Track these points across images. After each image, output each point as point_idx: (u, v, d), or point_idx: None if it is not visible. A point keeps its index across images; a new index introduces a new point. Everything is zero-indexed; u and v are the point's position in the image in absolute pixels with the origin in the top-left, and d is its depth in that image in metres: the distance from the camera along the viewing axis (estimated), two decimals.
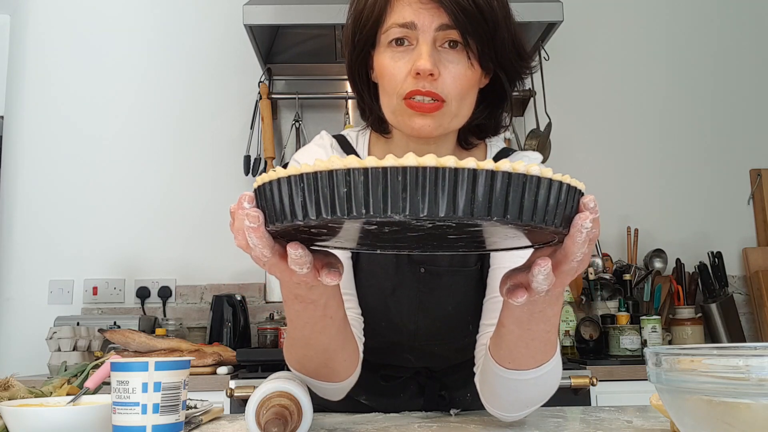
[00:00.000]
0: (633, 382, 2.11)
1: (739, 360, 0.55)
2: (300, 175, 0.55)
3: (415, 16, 0.91)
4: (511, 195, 0.54)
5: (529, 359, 0.84)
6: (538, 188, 0.55)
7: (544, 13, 2.36)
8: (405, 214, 0.53)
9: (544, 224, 0.56)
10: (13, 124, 2.89)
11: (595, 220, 0.61)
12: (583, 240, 0.61)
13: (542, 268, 0.62)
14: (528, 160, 1.08)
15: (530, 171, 0.55)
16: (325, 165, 0.54)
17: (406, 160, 0.53)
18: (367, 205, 0.53)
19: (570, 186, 0.58)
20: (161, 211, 2.83)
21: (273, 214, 0.58)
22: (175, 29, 2.95)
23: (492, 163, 0.54)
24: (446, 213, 0.53)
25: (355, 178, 0.53)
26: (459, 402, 1.11)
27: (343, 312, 0.88)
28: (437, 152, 1.04)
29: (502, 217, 0.54)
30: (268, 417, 0.81)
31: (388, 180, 0.53)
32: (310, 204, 0.55)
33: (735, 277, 2.87)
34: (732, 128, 2.97)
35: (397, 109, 0.95)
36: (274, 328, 2.51)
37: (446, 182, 0.53)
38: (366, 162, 0.53)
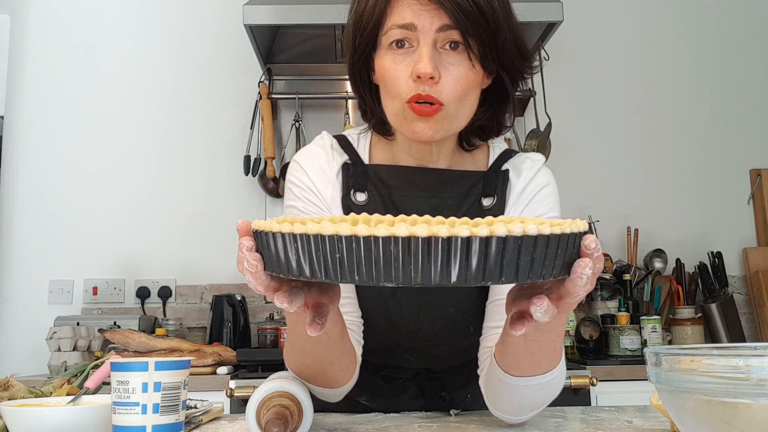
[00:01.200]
0: (633, 382, 2.11)
1: (739, 360, 0.55)
2: (293, 234, 0.55)
3: (415, 17, 0.91)
4: (506, 258, 0.53)
5: (534, 367, 0.85)
6: (534, 247, 0.54)
7: (544, 13, 2.36)
8: (398, 282, 0.53)
9: (541, 279, 0.56)
10: (13, 124, 2.89)
11: (597, 259, 0.61)
12: (584, 283, 0.61)
13: (538, 307, 0.62)
14: (531, 161, 1.08)
15: (527, 231, 0.53)
16: (317, 228, 0.54)
17: (398, 229, 0.52)
18: (360, 273, 0.53)
19: (569, 236, 0.57)
20: (161, 211, 2.83)
21: (270, 263, 0.59)
22: (175, 29, 2.95)
23: (486, 229, 0.52)
24: (440, 281, 0.52)
25: (347, 245, 0.53)
26: (459, 402, 1.11)
27: (341, 327, 0.88)
28: (438, 154, 1.04)
29: (497, 281, 0.54)
30: (269, 417, 0.80)
31: (380, 250, 0.52)
32: (305, 263, 0.55)
33: (735, 277, 2.87)
34: (732, 128, 2.97)
35: (399, 112, 0.95)
36: (274, 328, 2.51)
37: (439, 251, 0.52)
38: (357, 230, 0.52)
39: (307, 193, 1.04)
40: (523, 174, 1.06)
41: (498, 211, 1.05)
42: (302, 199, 1.04)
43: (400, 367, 1.09)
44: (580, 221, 0.59)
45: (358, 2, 0.98)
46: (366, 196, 1.04)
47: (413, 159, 1.05)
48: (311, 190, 1.04)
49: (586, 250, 0.60)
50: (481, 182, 1.06)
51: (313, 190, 1.04)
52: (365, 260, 0.53)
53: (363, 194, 1.04)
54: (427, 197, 1.04)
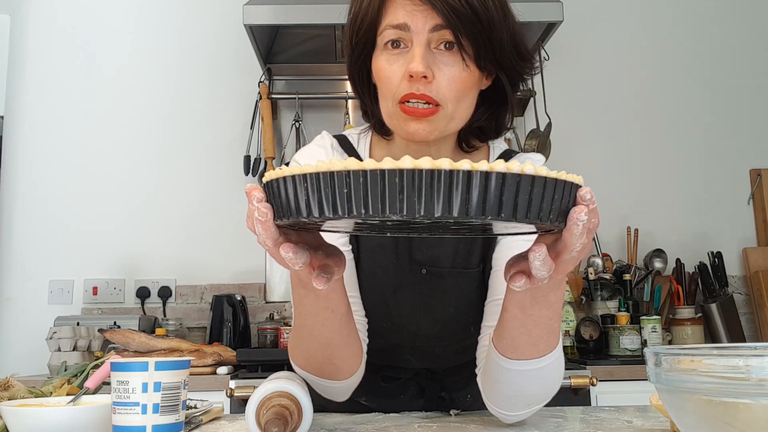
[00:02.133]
0: (633, 382, 2.11)
1: (739, 360, 0.55)
2: (303, 174, 0.58)
3: (408, 17, 0.91)
4: (505, 195, 0.56)
5: (531, 347, 0.84)
6: (532, 187, 0.57)
7: (544, 13, 2.36)
8: (402, 214, 0.55)
9: (539, 221, 0.58)
10: (13, 124, 2.89)
11: (593, 211, 0.63)
12: (581, 232, 0.62)
13: (537, 254, 0.64)
14: (531, 162, 1.08)
15: (524, 170, 0.56)
16: (327, 166, 0.56)
17: (403, 162, 0.55)
18: (366, 206, 0.56)
19: (565, 182, 0.60)
20: (161, 211, 2.83)
21: (280, 210, 0.61)
22: (175, 29, 2.95)
23: (486, 164, 0.55)
24: (442, 213, 0.55)
25: (354, 179, 0.56)
26: (459, 403, 1.11)
27: (346, 307, 0.88)
28: (436, 155, 1.03)
29: (497, 216, 0.56)
30: (269, 417, 0.81)
31: (386, 181, 0.55)
32: (314, 202, 0.58)
33: (735, 277, 2.87)
34: (732, 128, 2.97)
35: (392, 112, 0.95)
36: (274, 328, 2.51)
37: (441, 184, 0.55)
38: (365, 164, 0.56)
39: None
40: None
41: None
42: None
43: (401, 367, 1.09)
44: (575, 176, 0.62)
45: (355, 3, 0.99)
46: None
47: None
48: None
49: (581, 201, 0.62)
50: None
51: None
52: (371, 193, 0.55)
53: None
54: None
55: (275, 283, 2.81)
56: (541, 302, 0.78)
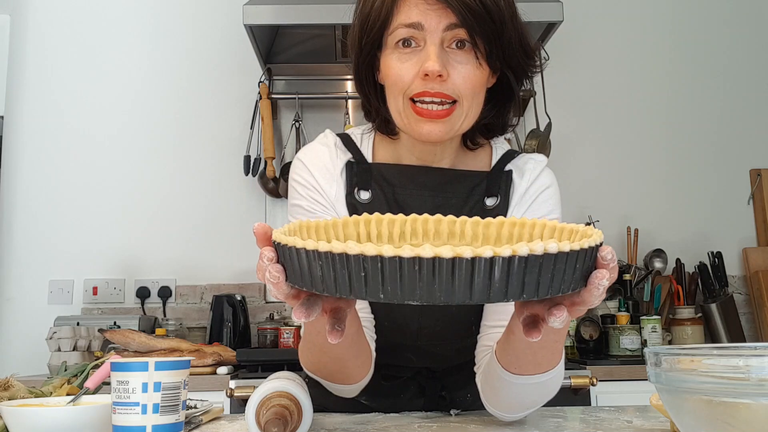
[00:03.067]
0: (633, 382, 2.11)
1: (739, 360, 0.55)
2: (317, 252, 0.55)
3: (422, 16, 0.91)
4: (528, 277, 0.54)
5: (535, 366, 0.85)
6: (555, 264, 0.55)
7: (544, 13, 2.36)
8: (422, 301, 0.54)
9: (560, 293, 0.57)
10: (13, 124, 2.89)
11: (613, 269, 0.62)
12: (600, 293, 0.62)
13: (557, 318, 0.63)
14: (534, 162, 1.08)
15: (548, 249, 0.54)
16: (342, 247, 0.54)
17: (423, 250, 0.53)
18: (385, 291, 0.54)
19: (587, 250, 0.58)
20: (161, 211, 2.83)
21: (293, 275, 0.60)
22: (175, 29, 2.95)
23: (509, 249, 0.53)
24: (462, 300, 0.54)
25: (372, 264, 0.54)
26: (459, 402, 1.11)
27: (357, 326, 0.89)
28: (442, 154, 1.04)
29: (518, 298, 0.55)
30: (268, 417, 0.81)
31: (405, 270, 0.53)
32: (330, 279, 0.56)
33: (735, 277, 2.87)
34: (732, 128, 2.97)
35: (403, 111, 0.95)
36: (274, 328, 2.51)
37: (463, 272, 0.53)
38: (383, 250, 0.53)
39: (312, 192, 1.04)
40: (526, 175, 1.07)
41: (501, 212, 1.05)
42: (306, 197, 1.04)
43: (401, 366, 1.09)
44: (595, 231, 0.61)
45: (365, 3, 0.98)
46: (370, 195, 1.04)
47: (416, 158, 1.05)
48: (315, 189, 1.04)
49: (602, 261, 0.61)
50: (485, 182, 1.06)
51: (317, 188, 1.04)
52: (390, 279, 0.54)
53: (367, 192, 1.04)
54: (430, 196, 1.04)
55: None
56: (548, 329, 0.78)
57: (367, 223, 0.70)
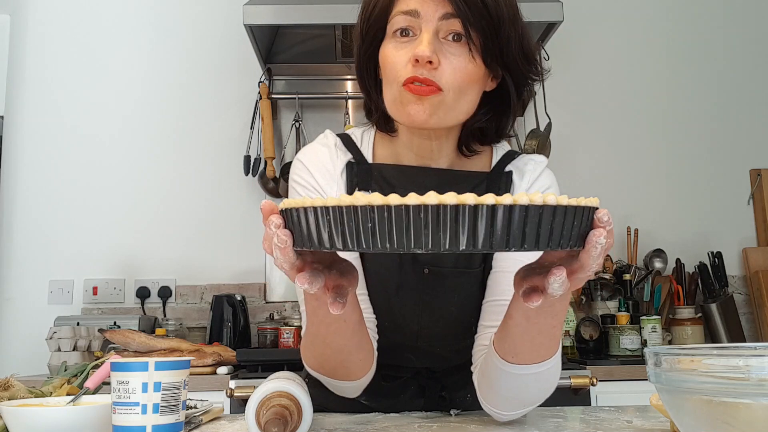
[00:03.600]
0: (633, 382, 2.11)
1: (739, 360, 0.55)
2: (326, 207, 0.57)
3: (419, 4, 0.94)
4: (528, 226, 0.57)
5: (532, 353, 0.85)
6: (554, 216, 0.58)
7: (544, 13, 2.36)
8: (428, 248, 0.56)
9: (559, 248, 0.60)
10: (13, 124, 2.89)
11: (609, 232, 0.64)
12: (598, 254, 0.64)
13: (557, 277, 0.65)
14: (534, 163, 1.08)
15: (546, 201, 0.57)
16: (350, 200, 0.56)
17: (428, 198, 0.55)
18: (391, 240, 0.56)
19: (584, 208, 0.61)
20: (161, 211, 2.83)
21: (300, 239, 0.61)
22: (175, 29, 2.95)
23: (510, 198, 0.56)
24: (466, 247, 0.56)
25: (379, 214, 0.56)
26: (459, 402, 1.11)
27: (358, 315, 0.89)
28: (439, 152, 1.04)
29: (520, 247, 0.57)
30: (268, 417, 0.81)
31: (411, 217, 0.55)
32: (337, 236, 0.57)
33: (735, 277, 2.87)
34: (732, 128, 2.97)
35: (396, 97, 0.96)
36: (274, 328, 2.51)
37: (466, 219, 0.55)
38: (389, 199, 0.55)
39: (312, 192, 1.04)
40: (526, 176, 1.07)
41: None
42: None
43: (401, 366, 1.10)
44: (593, 198, 0.63)
45: None
46: None
47: (415, 156, 1.05)
48: (315, 189, 1.04)
49: (599, 223, 0.63)
50: (485, 183, 1.06)
51: (317, 189, 1.04)
52: (396, 228, 0.55)
53: (367, 193, 1.04)
54: None
55: (275, 283, 2.81)
56: (547, 312, 0.79)
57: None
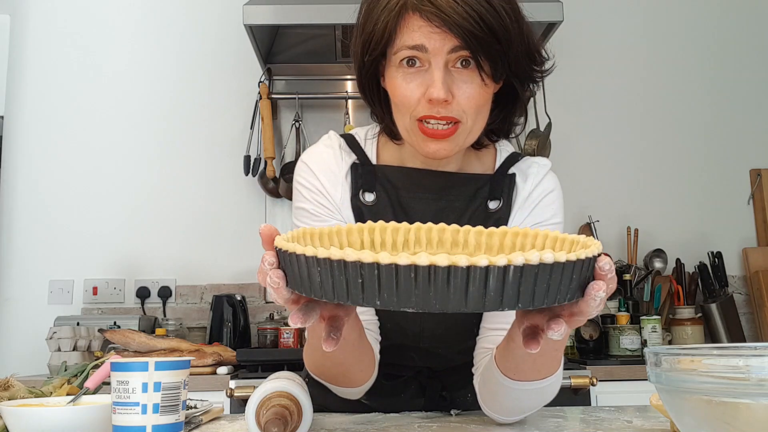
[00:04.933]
0: (633, 382, 2.11)
1: (739, 360, 0.55)
2: (317, 258, 0.57)
3: (426, 39, 0.90)
4: (523, 286, 0.55)
5: (534, 373, 0.85)
6: (551, 274, 0.55)
7: (544, 13, 2.35)
8: (418, 308, 0.55)
9: (555, 303, 0.57)
10: (13, 124, 2.89)
11: (610, 280, 0.62)
12: (597, 304, 0.62)
13: (555, 332, 0.64)
14: (537, 166, 1.08)
15: (543, 259, 0.54)
16: (341, 254, 0.55)
17: (419, 258, 0.53)
18: (381, 298, 0.55)
19: (584, 261, 0.58)
20: (161, 212, 2.83)
21: (293, 280, 0.61)
22: (175, 29, 2.95)
23: (504, 258, 0.54)
24: (457, 308, 0.54)
25: (369, 271, 0.55)
26: (460, 402, 1.11)
27: (359, 332, 0.89)
28: (446, 160, 1.03)
29: (514, 307, 0.55)
30: (268, 417, 0.81)
31: (401, 277, 0.54)
32: (328, 286, 0.57)
33: (735, 277, 2.86)
34: (732, 128, 2.97)
35: (410, 129, 0.95)
36: (274, 328, 2.50)
37: (458, 280, 0.53)
38: (379, 257, 0.54)
39: (317, 195, 1.04)
40: (529, 179, 1.07)
41: (504, 215, 1.05)
42: (311, 201, 1.04)
43: (402, 365, 1.10)
44: (593, 241, 0.61)
45: (366, 21, 0.97)
46: (374, 197, 1.04)
47: (421, 162, 1.05)
48: (320, 192, 1.04)
49: (600, 272, 0.61)
50: (488, 185, 1.06)
51: (322, 192, 1.04)
52: (386, 286, 0.55)
53: (371, 194, 1.05)
54: (434, 199, 1.04)
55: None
56: (549, 341, 0.78)
57: (371, 231, 0.71)
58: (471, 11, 0.88)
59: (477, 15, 0.88)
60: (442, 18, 0.88)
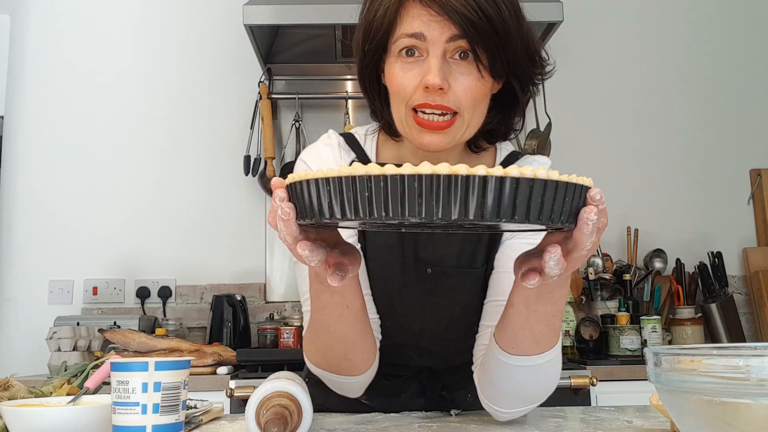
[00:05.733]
0: (633, 382, 2.11)
1: (739, 360, 0.55)
2: (326, 178, 0.60)
3: (425, 27, 0.91)
4: (519, 198, 0.58)
5: (532, 343, 0.85)
6: (544, 190, 0.59)
7: (544, 13, 2.35)
8: (421, 217, 0.58)
9: (550, 222, 0.61)
10: (13, 124, 2.89)
11: (602, 211, 0.65)
12: (590, 231, 0.64)
13: (552, 254, 0.66)
14: (537, 164, 1.09)
15: (537, 175, 0.58)
16: (349, 170, 0.59)
17: (422, 168, 0.57)
18: (386, 209, 0.58)
19: (575, 184, 0.62)
20: (161, 212, 2.83)
21: (303, 210, 0.64)
22: (175, 29, 2.95)
23: (501, 170, 0.58)
24: (458, 216, 0.58)
25: (375, 183, 0.58)
26: (460, 402, 1.11)
27: (361, 303, 0.89)
28: (446, 158, 1.04)
29: (510, 219, 0.59)
30: (268, 417, 0.81)
31: (406, 186, 0.58)
32: (336, 205, 0.60)
33: (735, 277, 2.86)
34: (732, 128, 2.97)
35: (405, 120, 0.95)
36: (274, 328, 2.51)
37: (458, 188, 0.57)
38: (385, 169, 0.58)
39: None
40: None
41: None
42: None
43: (403, 364, 1.10)
44: (585, 178, 0.64)
45: (368, 10, 0.98)
46: None
47: (420, 161, 1.05)
48: None
49: (591, 201, 0.64)
50: None
51: None
52: (392, 197, 0.58)
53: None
54: None
55: (275, 283, 2.81)
56: (546, 298, 0.79)
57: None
58: (470, 0, 0.89)
59: (476, 4, 0.89)
60: (440, 5, 0.89)
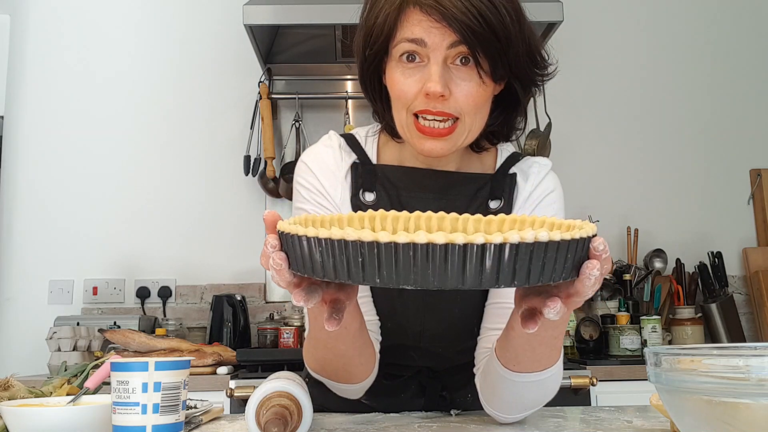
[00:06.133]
0: (633, 382, 2.11)
1: (739, 360, 0.55)
2: (318, 238, 0.58)
3: (425, 33, 0.91)
4: (519, 264, 0.56)
5: (534, 363, 0.85)
6: (545, 252, 0.57)
7: (544, 13, 2.35)
8: (416, 285, 0.56)
9: (551, 282, 0.59)
10: (13, 124, 2.89)
11: (605, 260, 0.63)
12: (592, 283, 0.63)
13: (552, 309, 0.65)
14: (538, 166, 1.08)
15: (538, 238, 0.56)
16: (341, 234, 0.57)
17: (417, 236, 0.55)
18: (380, 276, 0.56)
19: (578, 240, 0.59)
20: (161, 211, 2.83)
21: (295, 263, 0.62)
22: (175, 29, 2.95)
23: (500, 236, 0.55)
24: (455, 285, 0.56)
25: (369, 249, 0.56)
26: (460, 402, 1.11)
27: (359, 323, 0.89)
28: (447, 158, 1.04)
29: (510, 284, 0.56)
30: (268, 417, 0.81)
31: (400, 254, 0.55)
32: (329, 265, 0.58)
33: (735, 277, 2.86)
34: (732, 128, 2.97)
35: (406, 125, 0.95)
36: (274, 328, 2.51)
37: (455, 257, 0.55)
38: (379, 236, 0.55)
39: (316, 195, 1.04)
40: (530, 178, 1.07)
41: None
42: (311, 201, 1.04)
43: (403, 365, 1.10)
44: (589, 224, 0.62)
45: (368, 15, 0.98)
46: (374, 196, 1.05)
47: (421, 161, 1.05)
48: (320, 192, 1.04)
49: (594, 252, 0.62)
50: (489, 185, 1.06)
51: (322, 192, 1.04)
52: (386, 264, 0.56)
53: (372, 194, 1.05)
54: (434, 199, 1.04)
55: (275, 284, 2.81)
56: (548, 324, 0.78)
57: (371, 219, 0.72)
58: (471, 7, 0.88)
59: (476, 11, 0.88)
60: (441, 12, 0.88)
